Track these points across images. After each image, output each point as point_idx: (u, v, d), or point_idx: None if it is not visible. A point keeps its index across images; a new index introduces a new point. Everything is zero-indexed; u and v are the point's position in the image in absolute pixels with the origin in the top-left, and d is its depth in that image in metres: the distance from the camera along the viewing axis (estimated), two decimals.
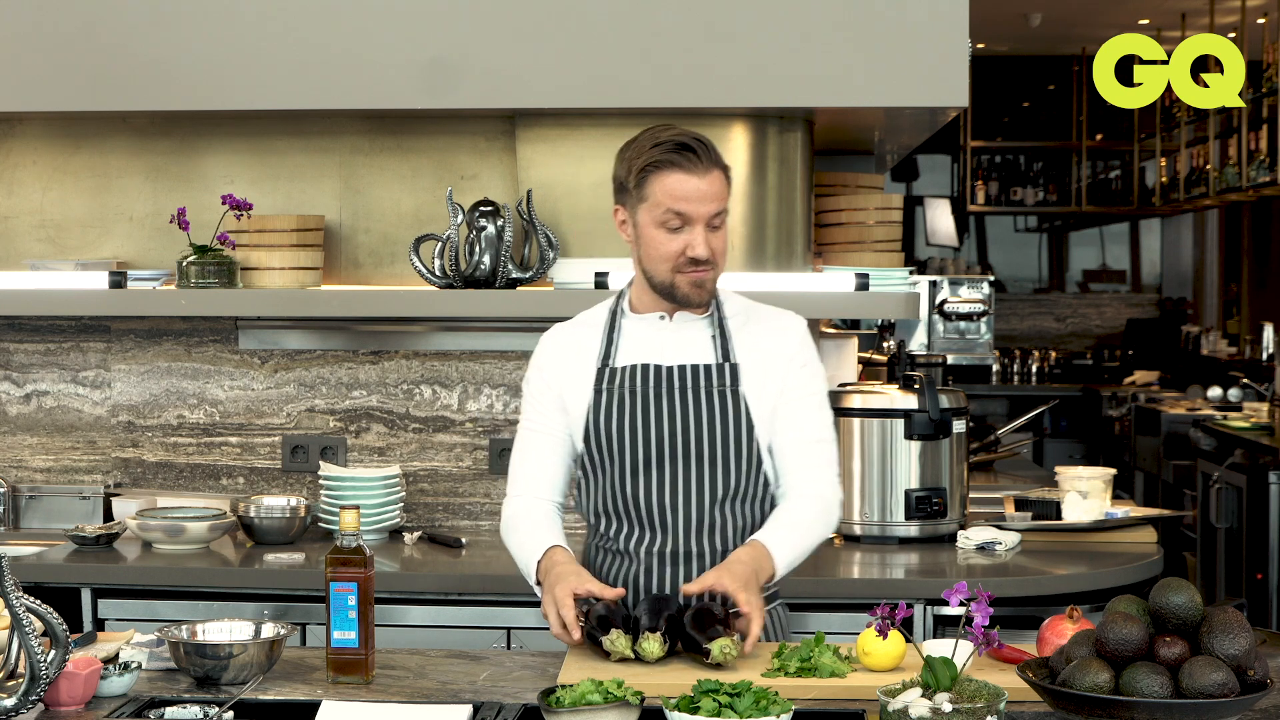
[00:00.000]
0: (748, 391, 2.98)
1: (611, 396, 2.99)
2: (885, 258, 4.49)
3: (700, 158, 2.90)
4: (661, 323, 3.02)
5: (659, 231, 2.92)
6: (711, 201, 2.90)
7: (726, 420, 2.97)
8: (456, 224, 4.21)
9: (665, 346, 3.01)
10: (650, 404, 2.97)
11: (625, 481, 2.99)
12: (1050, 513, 4.31)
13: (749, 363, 3.00)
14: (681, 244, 2.91)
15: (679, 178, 2.90)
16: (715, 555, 2.97)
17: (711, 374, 2.98)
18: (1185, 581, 2.42)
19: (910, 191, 11.37)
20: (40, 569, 3.94)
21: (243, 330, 4.48)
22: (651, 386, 2.98)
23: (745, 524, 3.00)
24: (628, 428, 2.97)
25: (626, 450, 2.98)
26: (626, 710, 2.35)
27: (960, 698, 2.28)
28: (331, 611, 2.71)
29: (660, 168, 2.91)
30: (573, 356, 3.06)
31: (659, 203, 2.91)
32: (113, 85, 4.19)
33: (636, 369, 2.99)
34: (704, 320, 3.03)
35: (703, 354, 3.00)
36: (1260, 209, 10.26)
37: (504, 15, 4.11)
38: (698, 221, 2.90)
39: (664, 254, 2.93)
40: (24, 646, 2.40)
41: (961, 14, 4.00)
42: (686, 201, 2.89)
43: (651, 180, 2.92)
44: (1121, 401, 9.60)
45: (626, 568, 3.01)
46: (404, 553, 4.10)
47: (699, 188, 2.89)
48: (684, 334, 3.01)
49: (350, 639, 2.72)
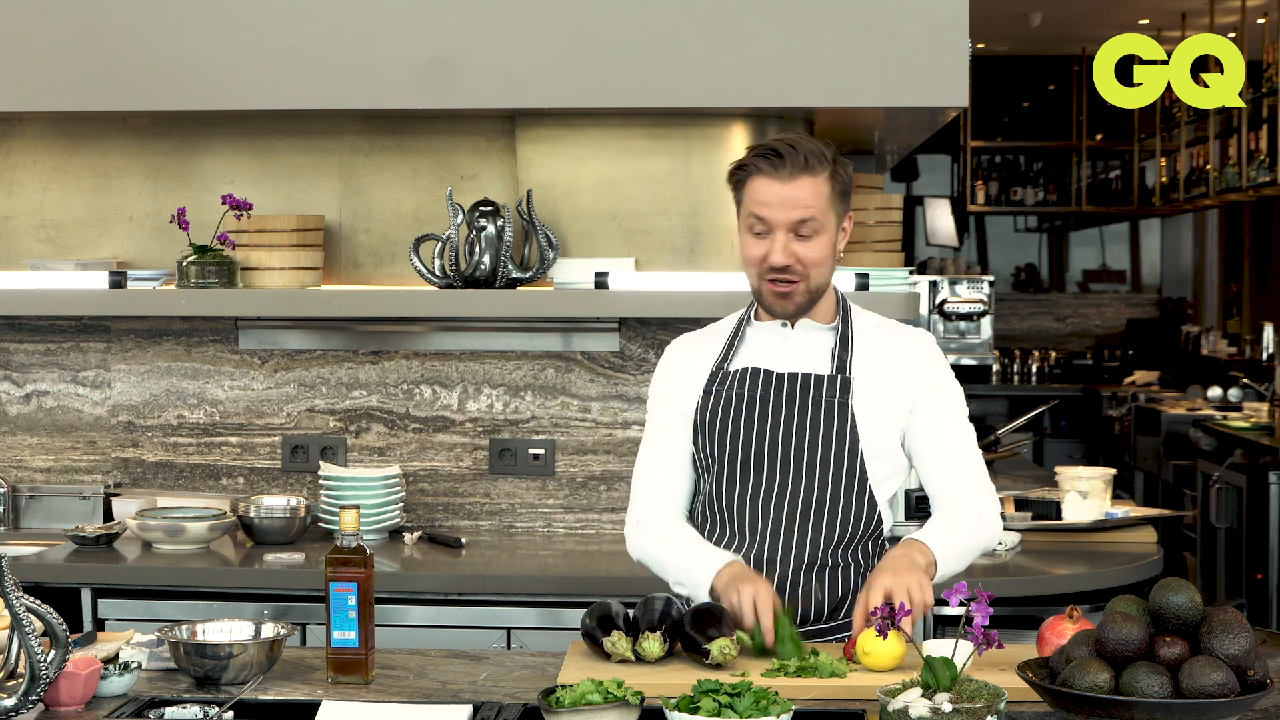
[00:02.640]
0: (858, 406, 2.93)
1: (720, 398, 2.97)
2: (885, 258, 4.49)
3: (786, 162, 2.86)
4: (784, 330, 2.99)
5: (747, 236, 2.91)
6: (794, 209, 2.86)
7: (830, 431, 2.92)
8: (456, 224, 4.21)
9: (784, 354, 2.98)
10: (755, 408, 2.95)
11: (723, 483, 2.97)
12: (1050, 513, 4.31)
13: (866, 378, 2.94)
14: (763, 250, 2.89)
15: (761, 183, 2.88)
16: (800, 567, 2.93)
17: (822, 384, 2.94)
18: (1185, 581, 2.42)
19: (910, 191, 11.37)
20: (40, 569, 3.94)
21: (243, 330, 4.48)
22: (760, 391, 2.95)
23: (840, 537, 2.94)
24: (730, 428, 2.95)
25: (726, 451, 2.95)
26: (626, 710, 2.35)
27: (960, 698, 2.28)
28: (331, 611, 2.71)
29: (749, 172, 2.90)
30: (692, 363, 3.04)
31: (747, 208, 2.91)
32: (113, 85, 4.19)
33: (747, 372, 2.97)
34: (828, 331, 2.98)
35: (819, 364, 2.96)
36: (1260, 209, 10.26)
37: (504, 15, 4.11)
38: (778, 228, 2.87)
39: (749, 259, 2.92)
40: (24, 646, 2.40)
41: (961, 14, 4.00)
42: (767, 207, 2.87)
43: (744, 184, 2.91)
44: (1121, 401, 9.60)
45: None
46: (404, 553, 4.10)
47: (780, 193, 2.86)
48: (804, 343, 2.98)
49: (350, 639, 2.71)
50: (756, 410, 2.95)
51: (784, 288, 2.91)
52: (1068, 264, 12.08)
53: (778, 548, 2.94)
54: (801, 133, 2.96)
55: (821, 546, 2.94)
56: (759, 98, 4.12)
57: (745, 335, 3.03)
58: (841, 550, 2.95)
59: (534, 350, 4.40)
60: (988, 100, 10.94)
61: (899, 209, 4.59)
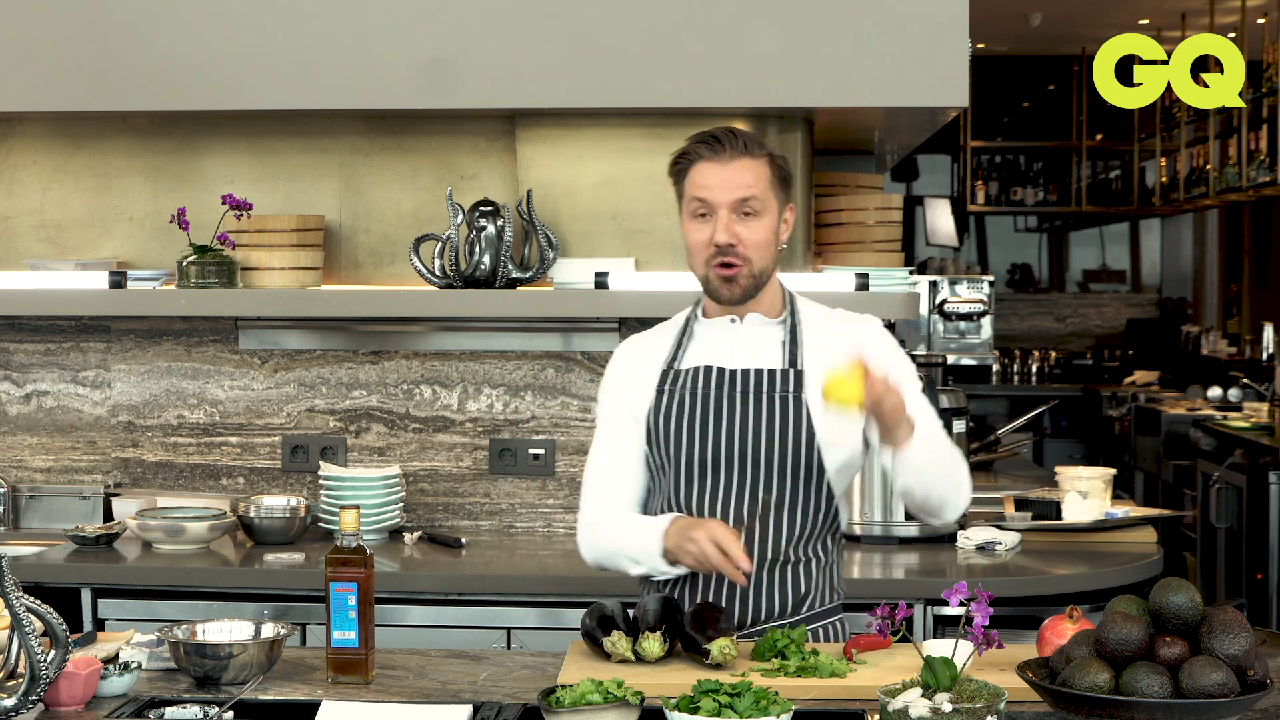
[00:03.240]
0: (812, 400, 2.93)
1: (673, 398, 2.97)
2: (885, 258, 4.49)
3: (724, 145, 2.89)
4: (732, 326, 2.99)
5: (691, 224, 2.93)
6: (735, 188, 2.88)
7: (787, 427, 2.92)
8: (456, 224, 4.21)
9: (734, 350, 2.98)
10: (710, 407, 2.94)
11: (681, 486, 2.96)
12: (1050, 513, 4.31)
13: (818, 369, 2.93)
14: (707, 233, 2.90)
15: (702, 166, 2.90)
16: (765, 562, 2.93)
17: (775, 379, 2.94)
18: (1185, 581, 2.42)
19: (910, 191, 11.37)
20: (40, 569, 3.94)
21: (243, 330, 4.48)
22: (713, 389, 2.95)
23: (800, 532, 2.95)
24: (685, 429, 2.95)
25: (683, 452, 2.95)
26: (626, 710, 2.35)
27: (960, 698, 2.28)
28: (331, 611, 2.71)
29: (690, 160, 2.93)
30: (642, 363, 3.04)
31: (688, 193, 2.92)
32: (113, 85, 4.19)
33: (699, 371, 2.97)
34: (776, 325, 2.99)
35: (770, 359, 2.97)
36: (1260, 209, 10.26)
37: (504, 15, 4.11)
38: (721, 208, 2.88)
39: (694, 245, 2.92)
40: (24, 646, 2.40)
41: (961, 14, 4.00)
42: (708, 189, 2.89)
43: (685, 174, 2.94)
44: (1121, 401, 9.60)
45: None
46: (404, 553, 4.10)
47: (720, 175, 2.88)
48: (753, 338, 2.98)
49: (350, 639, 2.71)
50: (711, 409, 2.95)
51: (729, 271, 2.90)
52: (1068, 264, 12.08)
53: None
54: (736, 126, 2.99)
55: (783, 543, 2.95)
56: (759, 98, 4.11)
57: (694, 332, 3.03)
58: (802, 545, 2.96)
59: (534, 350, 4.40)
60: (988, 100, 10.94)
61: (899, 209, 4.58)
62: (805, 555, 2.97)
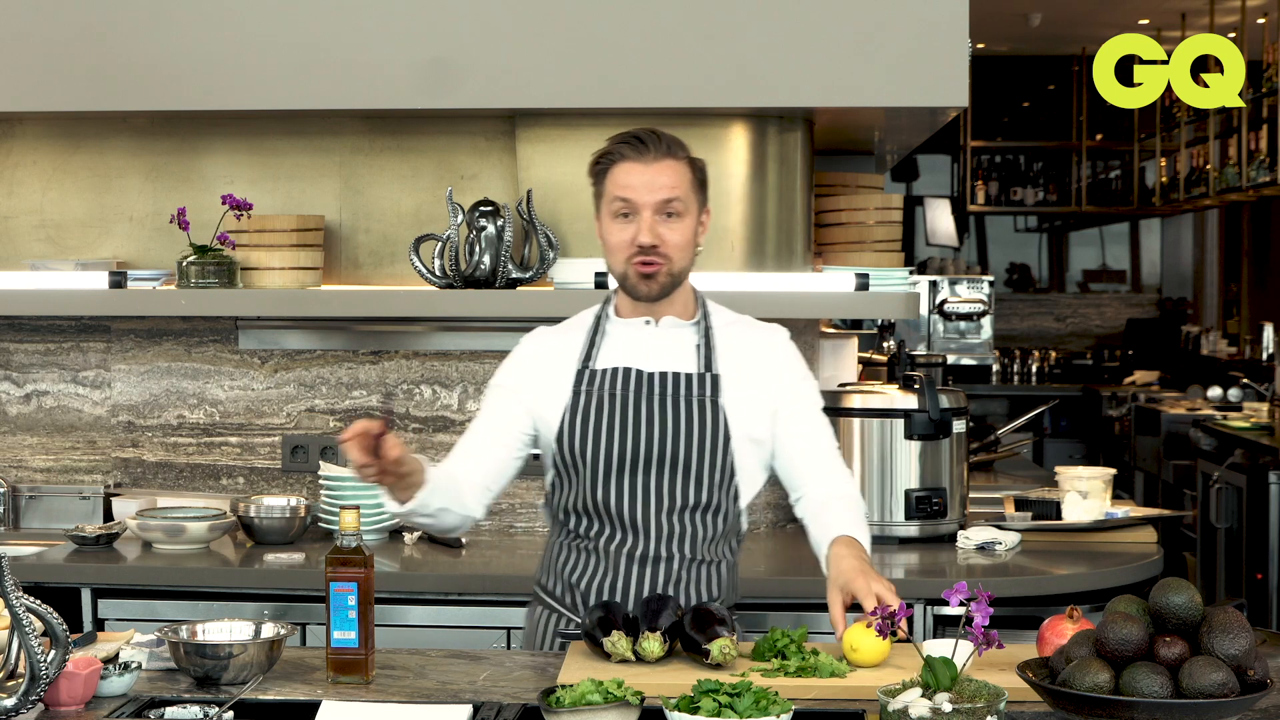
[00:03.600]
0: (727, 404, 2.97)
1: (590, 399, 2.98)
2: (885, 258, 4.49)
3: (649, 146, 2.92)
4: (646, 328, 3.01)
5: (613, 223, 2.94)
6: (659, 190, 2.91)
7: (705, 431, 2.96)
8: (456, 224, 4.21)
9: (649, 352, 3.00)
10: (629, 409, 2.96)
11: (598, 486, 2.97)
12: (1050, 513, 4.31)
13: (731, 375, 2.99)
14: (630, 233, 2.92)
15: (625, 167, 2.92)
16: (684, 561, 2.97)
17: (693, 383, 2.97)
18: (1185, 581, 2.42)
19: (910, 191, 11.37)
20: (40, 569, 3.94)
21: (243, 330, 4.48)
22: (632, 391, 2.97)
23: (713, 534, 3.00)
24: (604, 431, 2.96)
25: (601, 454, 2.96)
26: (626, 710, 2.35)
27: (960, 698, 2.28)
28: (331, 611, 2.71)
29: (611, 160, 2.95)
30: (550, 360, 3.04)
31: (610, 194, 2.94)
32: (113, 85, 4.19)
33: (618, 372, 2.98)
34: (690, 328, 3.02)
35: (685, 362, 3.00)
36: (1260, 209, 10.26)
37: (504, 15, 4.11)
38: (644, 209, 2.91)
39: (615, 244, 2.94)
40: (24, 646, 2.40)
41: (961, 14, 4.00)
42: (631, 189, 2.91)
43: (605, 175, 2.95)
44: (1121, 401, 9.60)
45: (595, 565, 2.99)
46: (404, 553, 4.10)
47: (644, 176, 2.90)
48: (668, 340, 3.01)
49: (350, 639, 2.71)
50: (630, 411, 2.96)
51: (649, 268, 2.93)
52: (1068, 264, 12.08)
53: (661, 544, 2.97)
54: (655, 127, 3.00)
55: (701, 543, 2.99)
56: (759, 98, 4.11)
57: (606, 332, 3.04)
58: (716, 546, 3.01)
59: None
60: (988, 100, 10.94)
61: (899, 209, 4.59)
62: (718, 555, 3.02)
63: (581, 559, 3.01)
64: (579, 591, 3.00)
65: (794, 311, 4.23)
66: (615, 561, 2.97)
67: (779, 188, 4.33)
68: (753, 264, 4.29)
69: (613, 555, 2.98)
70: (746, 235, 4.29)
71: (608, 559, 2.98)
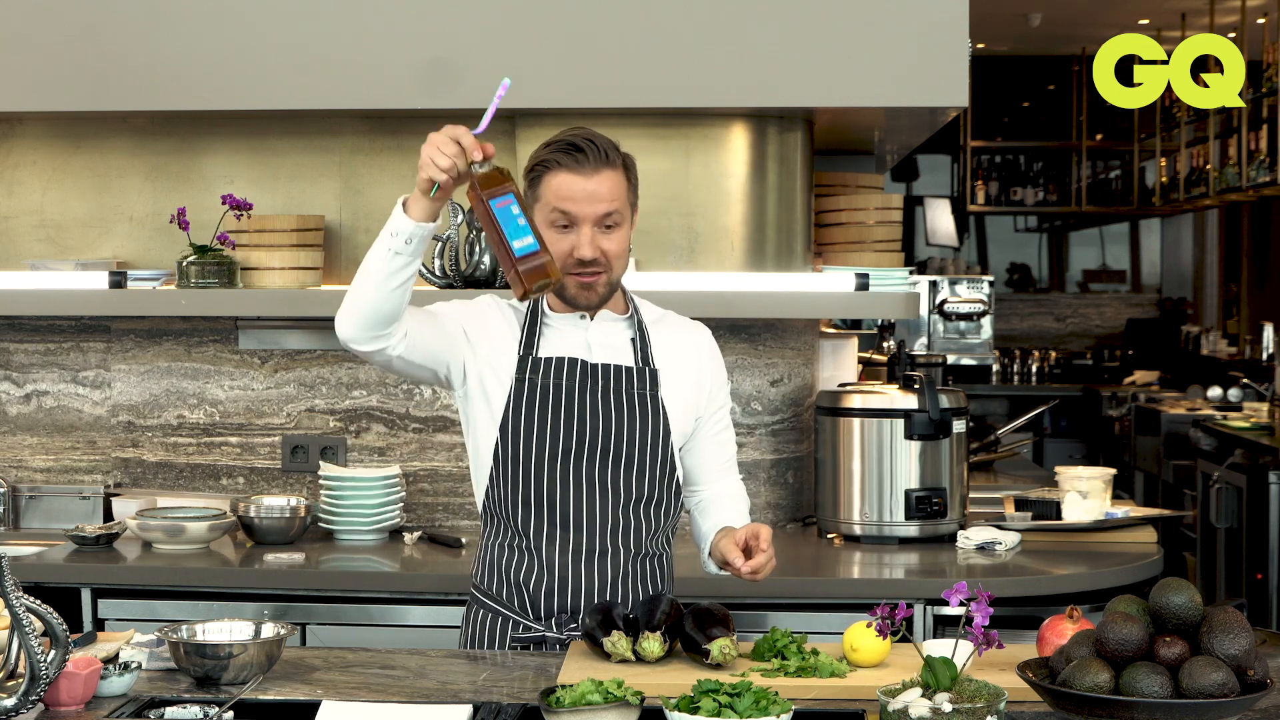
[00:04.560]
0: (665, 398, 3.00)
1: (534, 387, 2.97)
2: (885, 258, 4.49)
3: (589, 157, 2.89)
4: (583, 322, 3.01)
5: (549, 231, 2.90)
6: (599, 202, 2.89)
7: (646, 425, 2.98)
8: (456, 224, 4.21)
9: (589, 344, 3.00)
10: (575, 399, 2.96)
11: (542, 477, 2.96)
12: (1050, 513, 4.31)
13: (665, 371, 3.02)
14: (569, 245, 2.90)
15: (565, 178, 2.89)
16: (627, 556, 2.98)
17: (634, 377, 2.99)
18: (1185, 581, 2.42)
19: (910, 191, 11.37)
20: (40, 569, 3.94)
21: (243, 330, 4.48)
22: (576, 382, 2.97)
23: (653, 527, 3.01)
24: (549, 420, 2.95)
25: (546, 443, 2.95)
26: (626, 710, 2.35)
27: (960, 698, 2.28)
28: (503, 227, 2.64)
29: (548, 168, 2.91)
30: (498, 332, 3.00)
31: (547, 202, 2.91)
32: (113, 85, 4.19)
33: (564, 361, 2.98)
34: (624, 322, 3.03)
35: (623, 356, 3.01)
36: (1260, 209, 10.26)
37: (504, 15, 4.11)
38: (584, 222, 2.89)
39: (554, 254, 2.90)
40: (24, 646, 2.40)
41: (961, 14, 4.00)
42: (572, 201, 2.88)
43: (541, 181, 2.92)
44: (1121, 401, 9.60)
45: (530, 565, 2.98)
46: (404, 553, 4.10)
47: (585, 188, 2.88)
48: (605, 333, 3.01)
49: (530, 244, 2.65)
50: (576, 401, 2.96)
51: (589, 279, 2.92)
52: (1068, 264, 12.08)
53: (607, 538, 2.97)
54: (586, 128, 2.98)
55: (644, 536, 3.01)
56: (759, 98, 4.12)
57: (545, 323, 3.01)
58: (657, 540, 3.03)
59: None
60: (988, 100, 10.95)
61: (899, 209, 4.59)
62: (659, 548, 3.05)
63: (520, 557, 2.99)
64: (527, 593, 2.98)
65: (794, 311, 4.24)
66: (559, 563, 2.96)
67: (779, 188, 4.33)
68: (752, 264, 4.29)
69: (556, 559, 2.96)
70: (746, 235, 4.29)
71: (542, 559, 2.96)
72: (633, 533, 2.99)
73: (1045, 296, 11.84)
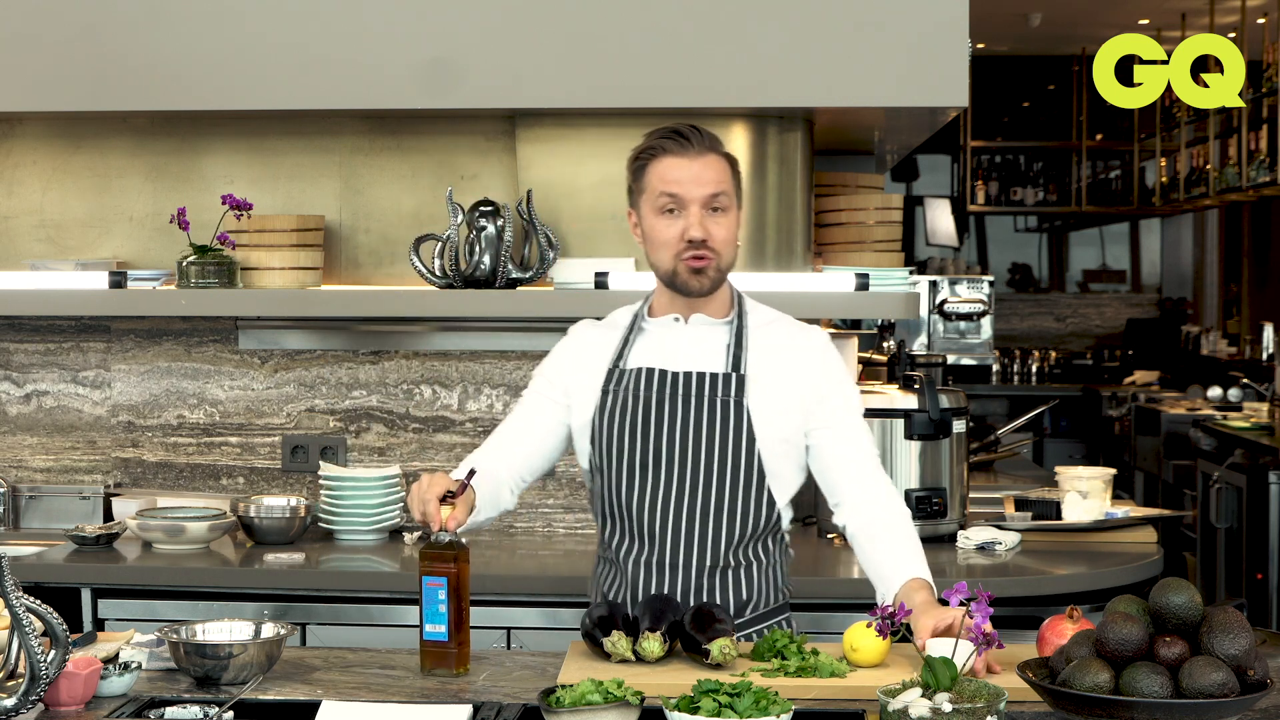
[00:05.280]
0: (755, 404, 2.93)
1: (616, 399, 2.97)
2: (885, 258, 4.49)
3: (692, 141, 2.90)
4: (676, 325, 2.98)
5: (659, 219, 2.91)
6: (707, 184, 2.88)
7: (727, 432, 2.93)
8: (456, 224, 4.21)
9: (678, 351, 2.97)
10: (652, 409, 2.94)
11: (622, 485, 2.96)
12: (1050, 513, 4.31)
13: (761, 376, 2.95)
14: (679, 228, 2.89)
15: (670, 161, 2.90)
16: (702, 567, 2.94)
17: (717, 383, 2.94)
18: (1185, 581, 2.42)
19: (910, 191, 11.37)
20: (40, 569, 3.94)
21: (243, 330, 4.48)
22: (655, 391, 2.95)
23: (734, 537, 2.95)
24: (628, 431, 2.95)
25: (625, 453, 2.95)
26: (626, 710, 2.35)
27: (960, 698, 2.28)
28: (423, 605, 2.73)
29: (654, 154, 2.93)
30: (590, 355, 3.03)
31: (654, 188, 2.91)
32: (113, 85, 4.19)
33: (642, 372, 2.97)
34: (722, 326, 2.98)
35: (713, 362, 2.96)
36: (1260, 209, 10.26)
37: (504, 15, 4.11)
38: (692, 203, 2.88)
39: (664, 240, 2.91)
40: (24, 646, 2.40)
41: (961, 14, 4.00)
42: (679, 184, 2.88)
43: (647, 169, 2.93)
44: (1121, 401, 9.60)
45: (615, 576, 3.00)
46: (404, 553, 4.10)
47: (691, 169, 2.89)
48: (698, 339, 2.98)
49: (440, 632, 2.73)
50: (653, 412, 2.94)
51: (700, 263, 2.90)
52: (1068, 264, 12.08)
53: (679, 550, 2.94)
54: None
55: (723, 547, 2.95)
56: (759, 98, 4.11)
57: (641, 330, 3.02)
58: (742, 549, 2.96)
59: (534, 350, 4.40)
60: (988, 100, 10.94)
61: (899, 209, 4.59)
62: (747, 558, 2.97)
63: (608, 569, 3.03)
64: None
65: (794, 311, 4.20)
66: (634, 574, 2.96)
67: (779, 188, 4.33)
68: (753, 264, 4.29)
69: (631, 567, 2.97)
70: (746, 235, 4.28)
71: (626, 571, 2.97)
72: (710, 543, 2.94)
73: (1045, 296, 11.84)
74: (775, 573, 3.03)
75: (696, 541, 2.94)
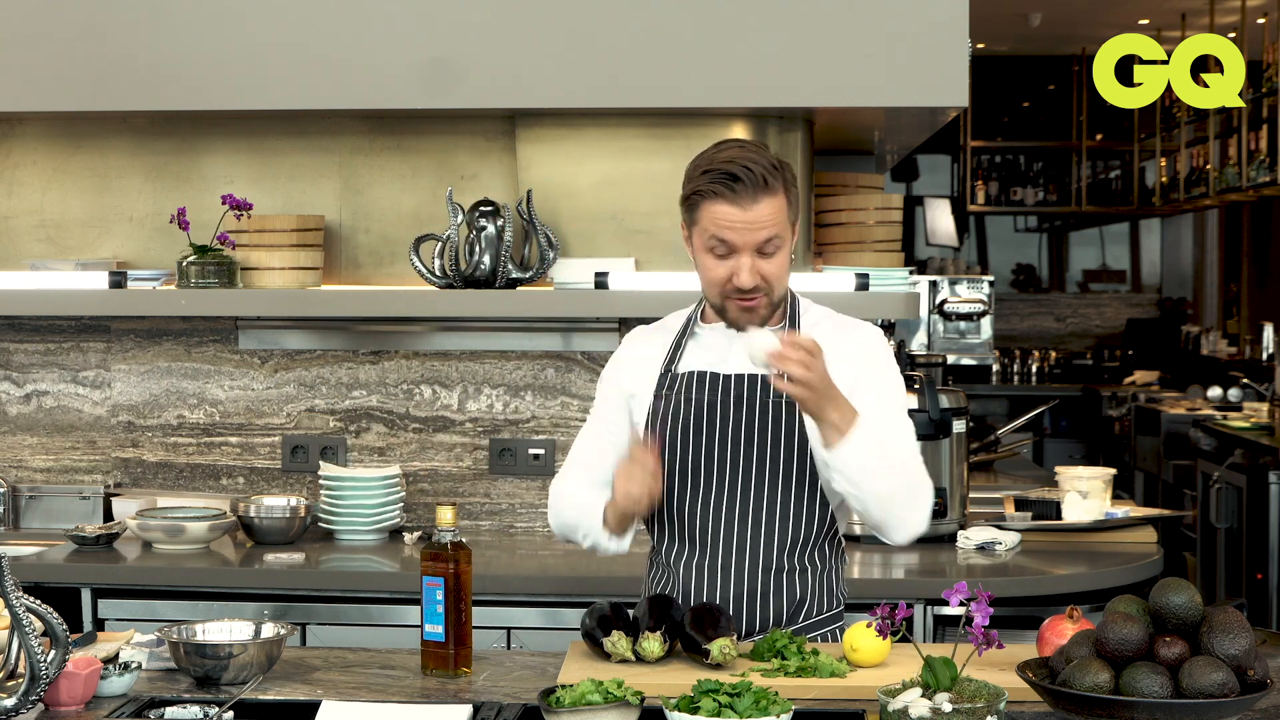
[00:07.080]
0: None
1: (668, 403, 2.95)
2: (885, 258, 4.49)
3: (746, 185, 2.80)
4: (730, 331, 2.95)
5: (707, 257, 2.87)
6: (758, 231, 2.82)
7: (779, 433, 2.90)
8: (456, 224, 4.21)
9: (728, 356, 2.94)
10: (704, 412, 2.92)
11: (675, 489, 2.94)
12: (1050, 513, 4.31)
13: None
14: (728, 271, 2.85)
15: (723, 208, 2.82)
16: (754, 571, 2.91)
17: (768, 385, 2.88)
18: (1185, 581, 2.42)
19: (910, 191, 11.37)
20: (40, 569, 3.94)
21: (243, 330, 4.48)
22: (707, 394, 2.93)
23: (787, 541, 2.92)
24: (679, 435, 2.93)
25: (676, 457, 2.93)
26: (626, 710, 2.35)
27: (960, 698, 2.28)
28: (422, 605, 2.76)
29: (704, 197, 2.84)
30: (645, 358, 3.02)
31: (705, 229, 2.85)
32: (113, 85, 4.19)
33: (694, 375, 2.95)
34: (777, 331, 2.93)
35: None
36: (1260, 209, 10.26)
37: (504, 15, 4.11)
38: (743, 250, 2.83)
39: (712, 279, 2.88)
40: (24, 646, 2.40)
41: (961, 14, 4.00)
42: (731, 230, 2.82)
43: (699, 206, 2.86)
44: (1121, 401, 9.60)
45: (668, 580, 2.98)
46: (404, 553, 4.10)
47: (742, 217, 2.81)
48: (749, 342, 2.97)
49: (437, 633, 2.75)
50: (705, 415, 2.92)
51: (750, 303, 2.88)
52: (1068, 264, 12.08)
53: (731, 555, 2.92)
54: (748, 144, 2.91)
55: (775, 551, 2.92)
56: (759, 98, 4.11)
57: (693, 334, 3.00)
58: (796, 554, 2.93)
59: (534, 350, 4.40)
60: (988, 100, 10.94)
61: (899, 209, 4.58)
62: (801, 563, 2.94)
63: (661, 573, 3.01)
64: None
65: None
66: (685, 578, 2.94)
67: None
68: None
69: (683, 571, 2.95)
70: None
71: (678, 575, 2.95)
72: (761, 546, 2.92)
73: (1045, 296, 11.84)
74: (830, 578, 2.98)
75: (749, 546, 2.92)
